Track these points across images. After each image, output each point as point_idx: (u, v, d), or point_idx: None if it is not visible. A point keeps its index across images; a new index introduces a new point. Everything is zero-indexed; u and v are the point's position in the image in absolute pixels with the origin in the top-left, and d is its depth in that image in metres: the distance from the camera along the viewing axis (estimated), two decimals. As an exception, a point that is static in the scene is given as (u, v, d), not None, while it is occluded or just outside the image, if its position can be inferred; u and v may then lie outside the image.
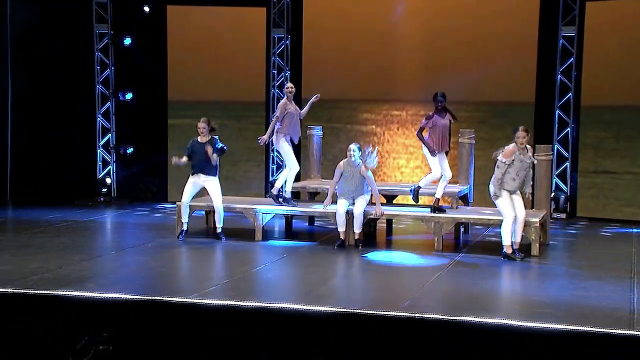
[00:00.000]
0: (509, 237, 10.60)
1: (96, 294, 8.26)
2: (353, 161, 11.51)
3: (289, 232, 12.83)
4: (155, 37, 15.98)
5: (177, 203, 12.14)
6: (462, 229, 12.56)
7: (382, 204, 12.63)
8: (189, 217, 11.80)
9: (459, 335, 7.60)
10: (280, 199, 12.13)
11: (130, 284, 8.88)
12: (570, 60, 14.64)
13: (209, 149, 11.54)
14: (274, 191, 12.22)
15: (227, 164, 15.85)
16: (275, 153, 15.99)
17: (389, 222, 12.91)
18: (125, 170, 16.35)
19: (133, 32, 16.06)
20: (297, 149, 14.96)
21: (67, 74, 16.03)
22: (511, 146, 10.52)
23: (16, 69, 16.05)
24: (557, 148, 14.80)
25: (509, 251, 10.59)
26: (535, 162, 10.85)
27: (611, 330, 7.24)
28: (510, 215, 10.54)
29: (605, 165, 14.63)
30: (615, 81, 14.40)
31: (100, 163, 16.41)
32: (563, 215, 14.60)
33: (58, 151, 15.99)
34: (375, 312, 7.91)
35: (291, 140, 12.23)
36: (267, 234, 12.20)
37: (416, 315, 7.83)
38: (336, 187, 11.62)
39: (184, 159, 11.71)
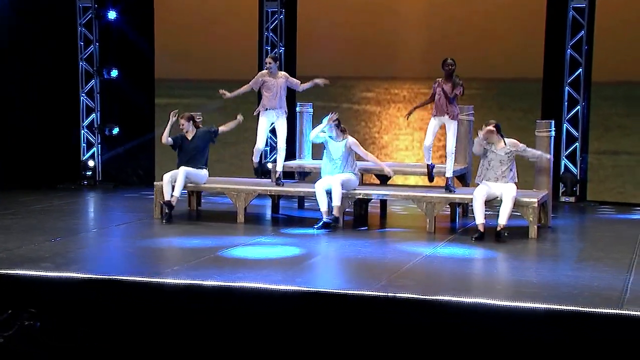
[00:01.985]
0: (478, 214, 10.56)
1: (43, 273, 8.11)
2: (335, 135, 11.30)
3: (275, 214, 12.61)
4: (142, 11, 15.84)
5: (156, 183, 12.01)
6: (459, 211, 12.30)
7: (376, 185, 12.43)
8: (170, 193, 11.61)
9: (433, 315, 7.37)
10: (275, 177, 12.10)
11: (89, 264, 8.72)
12: (581, 34, 14.31)
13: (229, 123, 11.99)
14: (277, 175, 12.11)
15: (218, 144, 15.66)
16: (269, 134, 15.74)
17: (383, 203, 12.68)
18: (110, 152, 16.20)
19: (118, 6, 15.91)
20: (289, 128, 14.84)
21: (48, 50, 15.86)
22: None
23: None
24: (567, 127, 14.48)
25: (482, 229, 10.48)
26: (522, 148, 10.80)
27: (592, 309, 6.99)
28: (480, 193, 10.56)
29: (618, 146, 14.32)
30: (629, 55, 14.06)
31: (84, 144, 16.27)
32: (572, 199, 14.30)
33: (39, 132, 15.82)
34: (344, 292, 7.70)
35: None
36: (250, 216, 11.99)
37: (388, 294, 7.62)
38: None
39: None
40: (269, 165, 13.41)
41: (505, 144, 10.73)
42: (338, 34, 15.40)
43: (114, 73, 16.00)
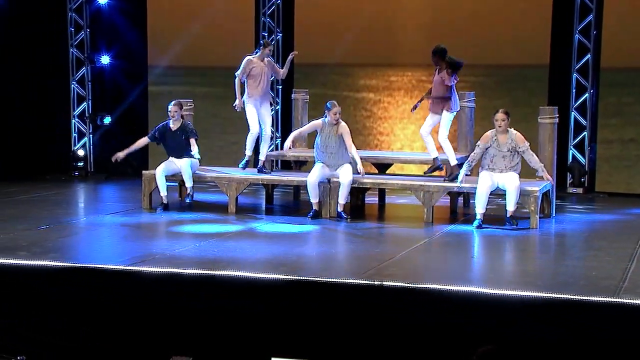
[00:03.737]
0: (480, 204, 10.50)
1: (15, 261, 8.07)
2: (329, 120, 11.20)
3: (269, 205, 12.54)
4: (134, -4, 15.80)
5: (144, 172, 12.00)
6: (460, 201, 12.21)
7: (373, 174, 12.34)
8: (166, 189, 11.66)
9: (420, 304, 7.29)
10: (266, 168, 12.08)
11: (67, 253, 8.66)
12: (589, 18, 14.15)
13: (193, 147, 11.70)
14: (263, 164, 12.12)
15: (213, 133, 15.65)
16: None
17: (382, 193, 12.59)
18: (102, 142, 16.14)
19: (110, -10, 15.89)
20: (285, 115, 14.80)
21: (37, 36, 15.80)
22: (489, 132, 10.58)
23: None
24: (575, 116, 14.34)
25: (481, 218, 10.47)
26: (523, 149, 10.57)
27: (585, 298, 6.89)
28: (485, 184, 10.46)
29: (628, 134, 14.17)
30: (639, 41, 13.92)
31: (76, 134, 16.22)
32: (580, 190, 14.16)
33: (28, 122, 15.77)
34: (328, 280, 7.62)
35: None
36: (242, 207, 11.91)
37: (375, 282, 7.54)
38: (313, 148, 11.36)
39: (123, 153, 12.04)
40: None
41: (509, 138, 10.55)
42: (337, 20, 15.31)
43: (106, 60, 15.93)
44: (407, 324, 7.20)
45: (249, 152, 12.18)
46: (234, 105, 12.28)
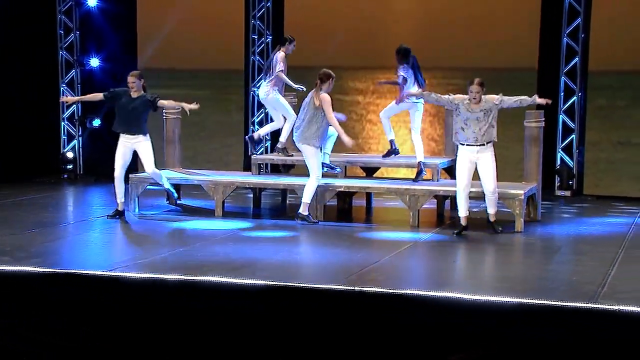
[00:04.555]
0: (461, 208, 10.37)
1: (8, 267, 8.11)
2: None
3: (256, 208, 12.57)
4: (124, -1, 15.84)
5: (131, 176, 12.03)
6: (447, 204, 12.25)
7: (360, 177, 12.41)
8: (124, 194, 11.34)
9: (399, 310, 7.33)
10: (257, 145, 12.37)
11: (49, 258, 8.69)
12: (578, 21, 14.20)
13: (171, 102, 11.36)
14: (255, 136, 12.46)
15: (203, 137, 15.71)
16: (257, 127, 15.74)
17: (369, 196, 12.63)
18: (91, 144, 16.16)
19: (99, -8, 15.93)
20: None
21: (27, 38, 15.85)
22: (465, 96, 10.39)
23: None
24: (563, 118, 14.39)
25: (464, 223, 10.37)
26: (498, 101, 10.30)
27: (562, 303, 6.94)
28: (461, 183, 10.30)
29: (616, 137, 14.23)
30: (627, 44, 13.96)
31: (65, 137, 16.25)
32: (568, 193, 14.21)
33: (17, 124, 15.79)
34: (309, 285, 7.67)
35: None
36: (229, 210, 11.94)
37: (355, 287, 7.59)
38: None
39: (74, 98, 12.03)
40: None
41: (483, 103, 10.27)
42: (326, 22, 15.36)
43: (95, 63, 15.96)
44: (386, 330, 7.24)
45: (284, 139, 12.43)
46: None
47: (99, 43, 16.02)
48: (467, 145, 10.25)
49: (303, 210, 10.98)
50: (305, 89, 12.25)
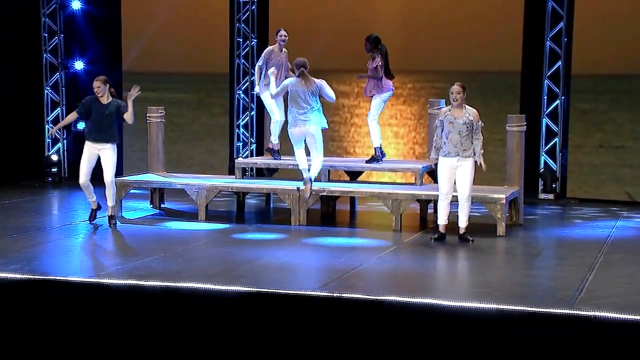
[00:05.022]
0: (441, 215, 10.29)
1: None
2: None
3: (240, 212, 12.59)
4: (108, 2, 15.82)
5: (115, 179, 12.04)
6: (431, 208, 12.27)
7: (343, 181, 12.45)
8: (93, 192, 11.19)
9: (377, 316, 7.36)
10: (277, 155, 12.20)
11: (28, 264, 8.68)
12: (560, 25, 14.29)
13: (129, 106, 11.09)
14: (272, 146, 12.31)
15: (187, 141, 15.71)
16: (242, 130, 15.78)
17: (353, 200, 12.66)
18: (76, 147, 16.12)
19: (83, -5, 15.94)
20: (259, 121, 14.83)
21: (10, 41, 15.84)
22: (444, 107, 10.35)
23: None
24: (546, 122, 14.46)
25: (443, 230, 10.31)
26: (479, 124, 10.17)
27: (538, 309, 6.98)
28: (442, 190, 10.23)
29: (599, 141, 14.28)
30: (610, 48, 14.02)
31: (50, 140, 16.25)
32: (551, 196, 14.28)
33: (1, 127, 15.79)
34: (287, 292, 7.70)
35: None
36: (212, 214, 11.96)
37: (334, 294, 7.62)
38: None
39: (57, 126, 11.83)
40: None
41: (465, 112, 10.16)
42: (312, 26, 15.36)
43: (80, 66, 15.96)
44: (365, 337, 7.27)
45: (275, 139, 12.44)
46: (253, 92, 12.32)
47: (83, 46, 16.05)
48: (445, 157, 10.22)
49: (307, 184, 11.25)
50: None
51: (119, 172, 15.48)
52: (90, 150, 11.05)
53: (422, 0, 14.87)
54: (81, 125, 15.94)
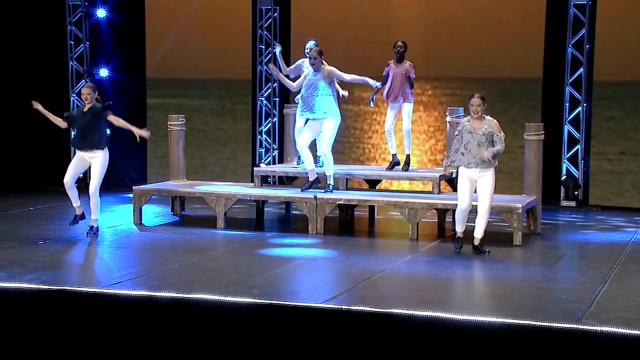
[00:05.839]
0: (459, 223, 10.22)
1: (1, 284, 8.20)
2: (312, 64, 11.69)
3: (259, 220, 12.63)
4: (132, 9, 15.95)
5: (135, 188, 12.17)
6: (450, 217, 12.23)
7: (361, 190, 12.46)
8: (79, 198, 11.04)
9: (387, 329, 7.35)
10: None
11: (44, 274, 8.76)
12: (582, 32, 14.18)
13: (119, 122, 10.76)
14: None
15: (210, 147, 15.78)
16: (264, 136, 15.83)
17: (372, 208, 12.66)
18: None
19: (108, 4, 16.03)
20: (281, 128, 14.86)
21: (38, 50, 16.05)
22: (463, 118, 10.25)
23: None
24: (568, 129, 14.36)
25: (461, 236, 10.26)
26: (501, 135, 10.01)
27: (545, 324, 6.93)
28: (461, 204, 10.13)
29: (621, 148, 14.15)
30: (632, 54, 13.89)
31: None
32: (573, 204, 14.18)
33: (29, 133, 15.97)
34: (295, 304, 7.70)
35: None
36: (232, 221, 12.00)
37: (342, 307, 7.62)
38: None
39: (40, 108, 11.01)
40: (262, 166, 13.63)
41: (485, 124, 10.01)
42: (333, 33, 15.36)
43: (104, 73, 16.09)
44: (373, 350, 7.26)
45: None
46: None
47: (107, 54, 16.16)
48: (464, 167, 10.13)
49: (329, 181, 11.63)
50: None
51: (142, 179, 15.69)
52: (81, 157, 10.86)
53: (442, 8, 14.80)
54: (106, 131, 16.08)
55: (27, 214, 12.86)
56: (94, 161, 10.78)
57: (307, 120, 11.77)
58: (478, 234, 10.14)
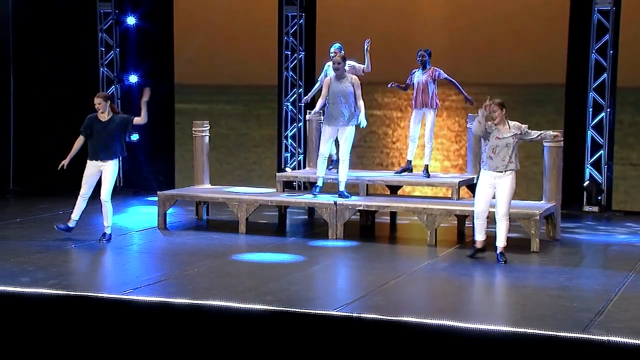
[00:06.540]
0: (478, 231, 10.21)
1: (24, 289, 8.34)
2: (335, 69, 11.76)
3: (281, 225, 12.71)
4: (161, 17, 16.13)
5: (159, 193, 12.31)
6: (470, 222, 12.22)
7: (381, 195, 12.49)
8: (80, 215, 11.24)
9: (396, 337, 7.39)
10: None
11: (65, 279, 8.91)
12: (606, 38, 14.12)
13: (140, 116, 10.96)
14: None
15: (236, 152, 15.90)
16: (290, 141, 15.91)
17: (393, 213, 12.69)
18: (131, 158, 16.42)
19: (138, 11, 16.22)
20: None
21: (70, 57, 16.29)
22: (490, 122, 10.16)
23: (18, 53, 16.46)
24: (591, 134, 14.29)
25: (480, 246, 10.22)
26: (523, 130, 10.04)
27: (552, 333, 6.93)
28: (478, 210, 10.13)
29: (645, 153, 14.09)
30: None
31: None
32: (596, 209, 14.11)
33: (62, 138, 16.12)
34: (309, 311, 7.76)
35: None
36: (254, 226, 12.10)
37: (353, 315, 7.67)
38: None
39: (66, 161, 11.10)
40: (287, 170, 13.73)
41: (509, 127, 10.05)
42: (358, 38, 15.35)
43: (134, 79, 16.27)
44: (383, 358, 7.30)
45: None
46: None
47: (137, 60, 16.35)
48: (490, 171, 10.10)
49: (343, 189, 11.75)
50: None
51: (171, 184, 15.84)
52: (92, 168, 11.03)
53: (466, 14, 14.81)
54: (135, 137, 16.29)
55: (56, 217, 13.02)
56: (106, 169, 10.92)
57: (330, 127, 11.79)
58: (500, 242, 10.07)
